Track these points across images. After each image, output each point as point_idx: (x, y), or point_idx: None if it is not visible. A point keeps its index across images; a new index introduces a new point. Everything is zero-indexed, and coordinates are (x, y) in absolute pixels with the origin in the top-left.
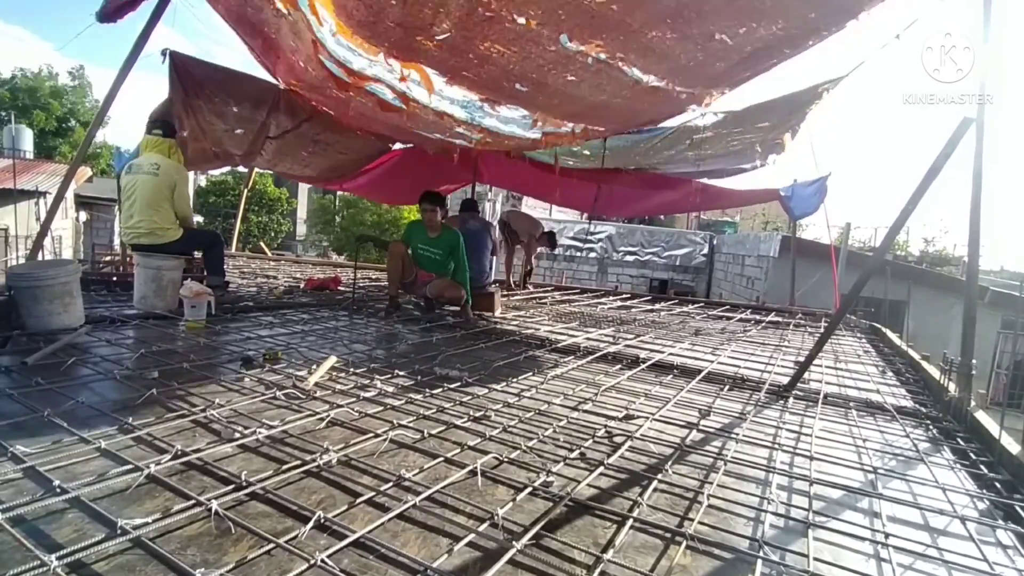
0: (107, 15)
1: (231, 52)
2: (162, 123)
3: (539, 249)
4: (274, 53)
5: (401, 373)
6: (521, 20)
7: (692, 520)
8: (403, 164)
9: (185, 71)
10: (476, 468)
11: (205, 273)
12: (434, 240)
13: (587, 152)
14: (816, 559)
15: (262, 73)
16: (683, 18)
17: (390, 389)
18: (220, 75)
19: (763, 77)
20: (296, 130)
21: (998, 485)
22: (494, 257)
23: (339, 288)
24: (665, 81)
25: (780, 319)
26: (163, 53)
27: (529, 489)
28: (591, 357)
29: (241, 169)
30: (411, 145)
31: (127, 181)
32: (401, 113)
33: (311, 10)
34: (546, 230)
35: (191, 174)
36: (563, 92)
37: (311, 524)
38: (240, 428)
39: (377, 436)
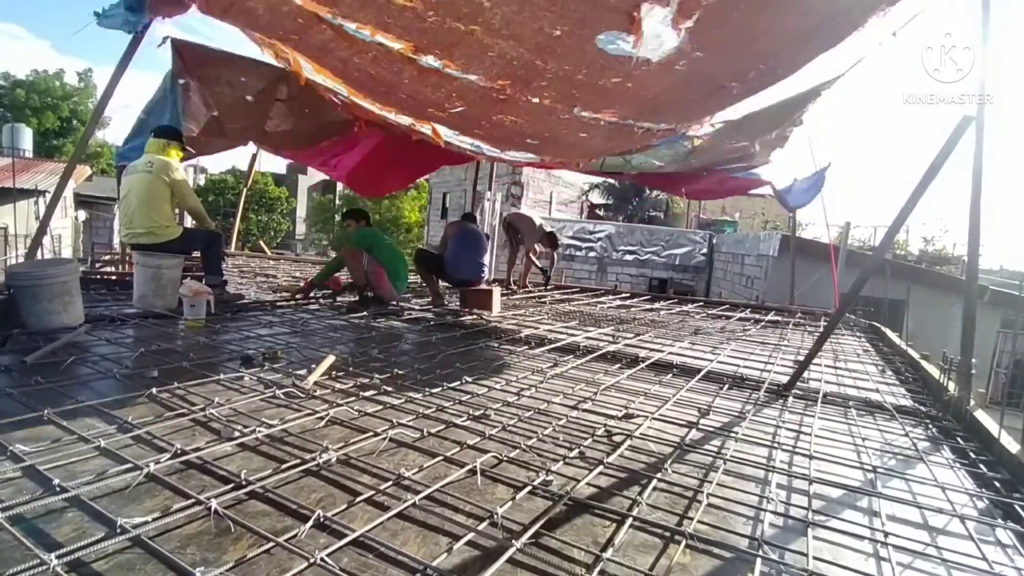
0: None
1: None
2: (158, 127)
3: (543, 250)
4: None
5: (401, 372)
6: (535, 100)
7: (691, 519)
8: (387, 147)
9: (188, 53)
10: (476, 467)
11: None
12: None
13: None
14: (815, 558)
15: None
16: (695, 82)
17: (390, 388)
18: (224, 56)
19: None
20: (300, 99)
21: (997, 484)
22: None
23: (339, 288)
24: (674, 124)
25: (780, 318)
26: (163, 40)
27: (528, 488)
28: (591, 356)
29: (242, 167)
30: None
31: (124, 182)
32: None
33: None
34: (547, 230)
35: (191, 170)
36: (573, 144)
37: (310, 523)
38: (239, 427)
39: (376, 435)
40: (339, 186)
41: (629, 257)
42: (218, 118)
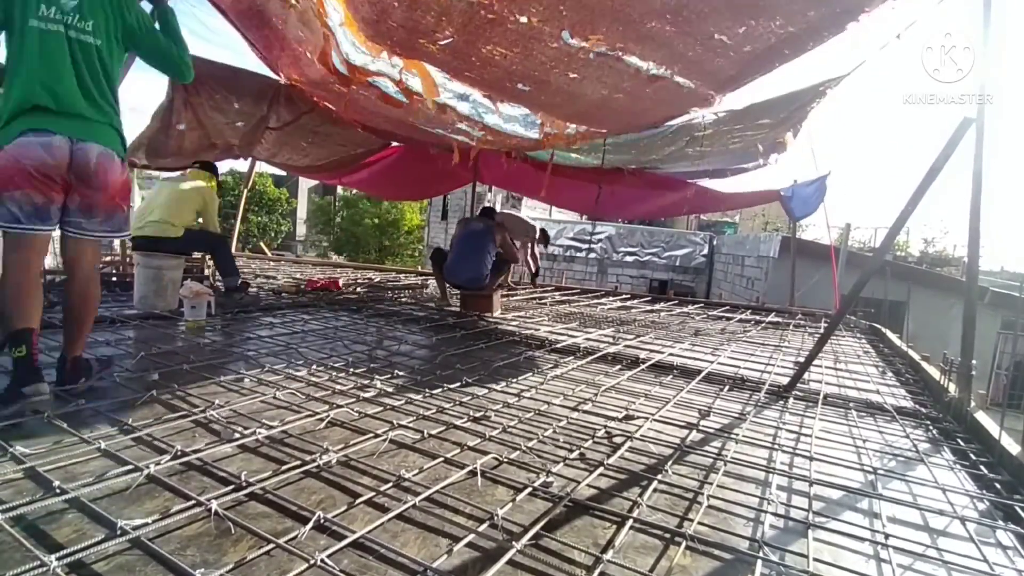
0: None
1: (231, 54)
2: (202, 161)
3: (537, 248)
4: (278, 46)
5: (401, 373)
6: (523, 19)
7: (692, 520)
8: (404, 161)
9: None
10: (476, 468)
11: (218, 275)
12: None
13: (587, 150)
14: (816, 559)
15: (262, 70)
16: (681, 16)
17: (390, 389)
18: (220, 72)
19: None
20: (296, 122)
21: (998, 486)
22: (495, 259)
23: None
24: (664, 67)
25: (780, 319)
26: None
27: (529, 489)
28: (591, 357)
29: (241, 169)
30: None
31: (157, 185)
32: (403, 107)
33: (319, 3)
34: (539, 228)
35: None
36: (565, 91)
37: (311, 524)
38: (240, 428)
39: (377, 436)
40: (339, 188)
41: (629, 259)
42: (209, 137)
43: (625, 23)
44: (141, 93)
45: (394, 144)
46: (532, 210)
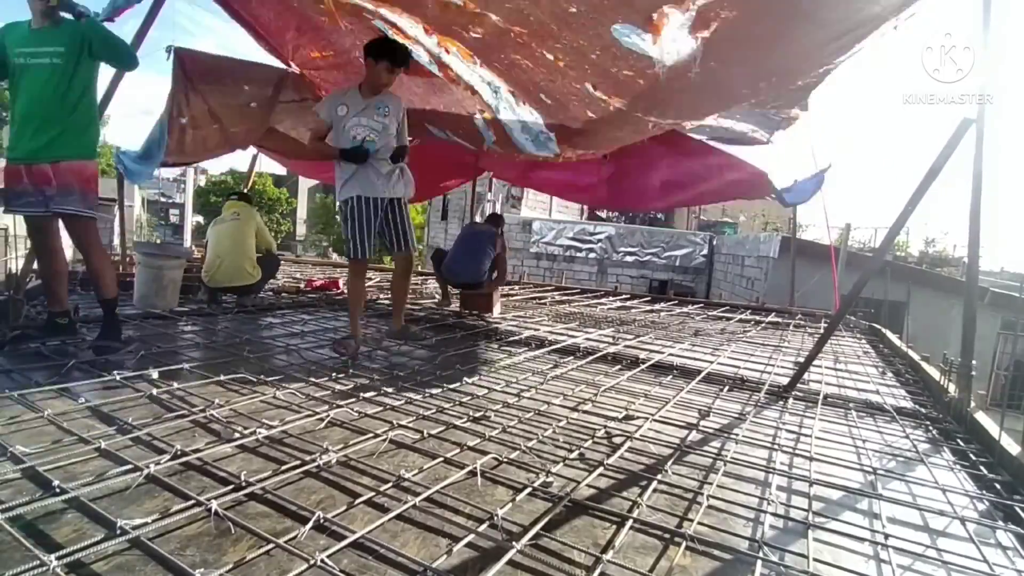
0: (107, 18)
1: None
2: (239, 193)
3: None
4: (294, 23)
5: (401, 373)
6: (549, 56)
7: (691, 521)
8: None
9: (191, 63)
10: (475, 468)
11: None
12: (45, 34)
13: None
14: (816, 560)
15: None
16: (709, 89)
17: (390, 389)
18: (227, 63)
19: None
20: (301, 103)
21: (998, 486)
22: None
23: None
24: (684, 122)
25: (780, 320)
26: (167, 49)
27: (528, 489)
28: (591, 358)
29: (240, 169)
30: (415, 141)
31: (212, 232)
32: (433, 80)
33: None
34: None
35: (191, 170)
36: (582, 121)
37: (310, 524)
38: (239, 428)
39: (376, 436)
40: None
41: (629, 259)
42: (222, 125)
43: (650, 99)
44: (151, 97)
45: None
46: (532, 210)
